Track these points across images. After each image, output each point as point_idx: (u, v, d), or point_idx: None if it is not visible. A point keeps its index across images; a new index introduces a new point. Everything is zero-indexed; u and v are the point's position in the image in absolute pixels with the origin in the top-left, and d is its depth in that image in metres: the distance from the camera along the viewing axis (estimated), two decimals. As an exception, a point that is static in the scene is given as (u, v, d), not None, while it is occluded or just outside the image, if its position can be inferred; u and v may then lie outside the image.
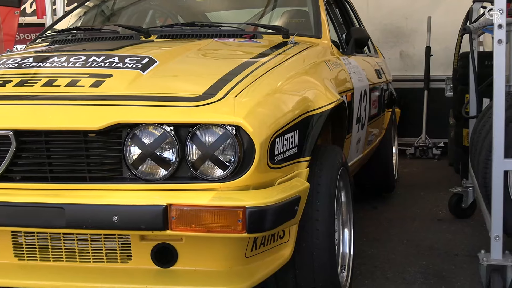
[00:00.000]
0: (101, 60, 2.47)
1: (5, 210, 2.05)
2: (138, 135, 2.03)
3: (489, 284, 2.67)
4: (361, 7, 5.50)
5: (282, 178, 2.18)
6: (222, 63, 2.63)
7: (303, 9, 3.75)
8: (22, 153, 2.10)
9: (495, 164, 2.64)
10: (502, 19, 2.58)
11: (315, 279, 2.37)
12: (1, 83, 2.33)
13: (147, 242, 2.07)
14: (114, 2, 4.11)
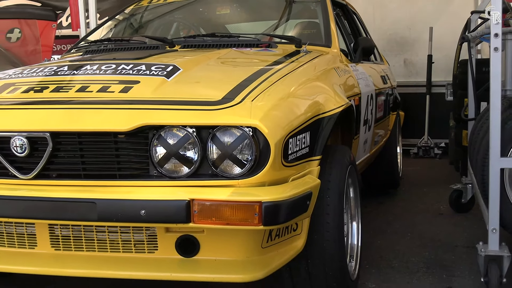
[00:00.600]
0: (129, 68, 2.48)
1: (43, 205, 2.07)
2: (163, 136, 2.04)
3: (487, 273, 2.65)
4: (368, 19, 5.48)
5: (295, 175, 2.17)
6: (240, 70, 2.63)
7: (314, 21, 3.74)
8: (58, 152, 2.12)
9: (492, 162, 2.62)
10: (498, 28, 2.56)
11: (325, 268, 2.36)
12: (39, 89, 2.34)
13: (172, 234, 2.07)
14: (142, 16, 4.13)
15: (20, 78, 2.54)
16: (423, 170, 6.09)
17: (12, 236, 2.22)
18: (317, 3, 3.75)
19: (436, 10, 7.01)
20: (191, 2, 4.08)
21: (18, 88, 2.38)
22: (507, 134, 2.67)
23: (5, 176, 2.17)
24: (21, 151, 2.11)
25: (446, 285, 2.88)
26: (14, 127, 2.13)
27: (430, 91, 6.81)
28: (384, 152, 4.66)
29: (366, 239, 2.94)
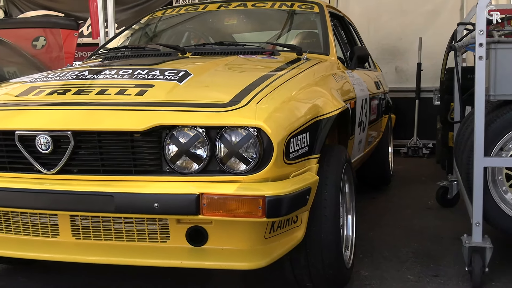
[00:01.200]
0: (145, 73, 2.47)
1: (65, 198, 2.07)
2: (176, 135, 2.04)
3: (471, 263, 2.65)
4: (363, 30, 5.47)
5: (296, 172, 2.17)
6: (246, 76, 2.63)
7: (313, 31, 3.74)
8: (79, 150, 2.12)
9: (476, 161, 2.62)
10: (482, 39, 2.56)
11: (323, 257, 2.36)
12: (62, 91, 2.35)
13: (183, 225, 2.07)
14: (156, 25, 4.13)
15: (45, 81, 2.54)
16: (412, 168, 6.08)
17: (37, 226, 2.22)
18: (316, 14, 3.75)
19: (425, 23, 7.01)
20: (201, 14, 4.08)
21: (43, 90, 2.38)
22: (490, 135, 2.67)
23: (30, 171, 2.17)
24: (45, 148, 2.11)
25: (433, 273, 2.87)
26: (39, 126, 2.13)
27: (419, 96, 6.82)
28: (377, 151, 4.66)
29: (360, 231, 2.93)
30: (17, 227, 2.25)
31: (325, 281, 2.45)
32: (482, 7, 2.54)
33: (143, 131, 2.04)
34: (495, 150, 2.73)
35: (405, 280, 2.79)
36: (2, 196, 2.15)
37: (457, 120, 3.98)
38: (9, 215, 2.24)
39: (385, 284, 2.74)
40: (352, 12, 5.98)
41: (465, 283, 2.71)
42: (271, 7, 3.90)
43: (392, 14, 7.12)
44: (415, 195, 4.72)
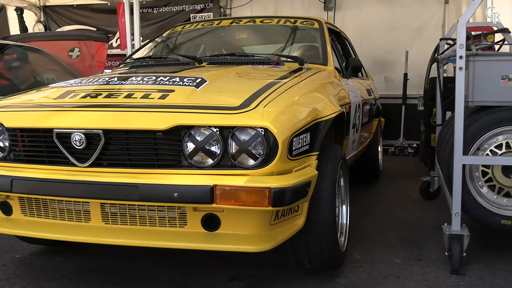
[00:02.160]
0: (166, 79, 2.47)
1: (96, 188, 2.07)
2: (193, 134, 2.03)
3: (450, 248, 2.64)
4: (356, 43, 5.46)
5: (298, 167, 2.16)
6: (254, 83, 2.62)
7: (314, 44, 3.73)
8: (109, 146, 2.12)
9: (456, 159, 2.60)
10: (463, 52, 2.54)
11: (321, 242, 2.35)
12: (94, 95, 2.35)
13: (198, 212, 2.07)
14: (176, 38, 4.13)
15: (80, 86, 2.54)
16: (398, 165, 6.06)
17: (71, 212, 2.22)
18: (316, 30, 3.74)
19: (411, 38, 7.00)
20: (216, 28, 4.08)
21: (77, 94, 2.38)
22: (468, 137, 2.65)
23: (66, 164, 2.17)
24: (79, 145, 2.12)
25: (417, 257, 2.86)
26: (74, 125, 2.13)
27: (405, 102, 6.81)
28: (368, 150, 4.64)
29: (353, 219, 2.92)
30: (54, 213, 2.25)
31: (323, 263, 2.44)
32: (462, 24, 2.53)
33: (165, 130, 2.03)
34: (473, 150, 2.72)
35: (393, 263, 2.78)
36: (42, 186, 2.16)
37: (439, 123, 3.96)
38: (47, 202, 2.25)
39: (375, 266, 2.73)
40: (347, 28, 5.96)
41: (445, 266, 2.70)
42: (277, 23, 3.90)
43: (382, 30, 7.11)
44: (401, 189, 4.70)
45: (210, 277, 2.58)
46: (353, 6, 7.30)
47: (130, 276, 2.61)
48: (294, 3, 7.60)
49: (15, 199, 2.32)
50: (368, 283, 2.51)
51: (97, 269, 2.71)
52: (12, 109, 2.40)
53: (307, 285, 2.48)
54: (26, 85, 4.48)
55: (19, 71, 4.80)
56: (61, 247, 3.04)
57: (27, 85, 4.48)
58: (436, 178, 4.07)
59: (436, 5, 7.00)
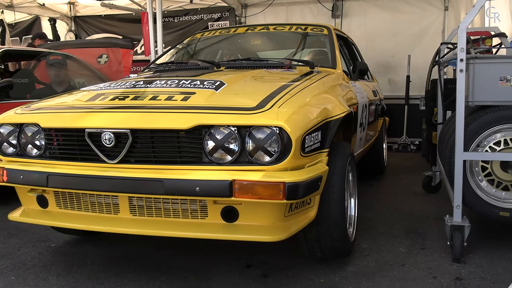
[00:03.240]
0: (188, 83, 2.47)
1: (125, 182, 2.08)
2: (213, 133, 2.03)
3: (452, 238, 2.61)
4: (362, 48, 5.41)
5: (310, 163, 2.15)
6: (269, 85, 2.61)
7: (323, 49, 3.70)
8: (136, 144, 2.13)
9: (457, 155, 2.57)
10: (463, 55, 2.51)
11: (331, 232, 2.34)
12: (122, 97, 2.35)
13: (218, 205, 2.07)
14: (196, 45, 4.12)
15: (108, 89, 2.55)
16: (402, 161, 6.01)
17: (102, 205, 2.23)
18: (325, 36, 3.71)
19: (413, 43, 6.94)
20: (232, 35, 4.07)
21: (107, 96, 2.39)
22: (468, 134, 2.62)
23: (97, 161, 2.18)
24: (109, 143, 2.12)
25: (420, 246, 2.83)
26: (104, 125, 2.14)
27: (408, 102, 6.77)
28: (373, 147, 4.61)
29: (360, 211, 2.90)
30: (86, 206, 2.27)
31: (333, 251, 2.43)
32: (463, 29, 2.49)
33: (187, 129, 2.03)
34: (473, 146, 2.68)
35: (398, 252, 2.76)
36: (75, 181, 2.17)
37: (440, 122, 3.93)
38: (80, 196, 2.26)
39: (381, 255, 2.70)
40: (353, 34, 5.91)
41: (447, 255, 2.67)
42: (289, 30, 3.89)
43: (385, 36, 7.06)
44: (405, 183, 4.66)
45: (228, 264, 2.58)
46: (358, 14, 7.26)
47: (155, 263, 2.62)
48: (304, 11, 7.57)
49: (51, 193, 2.34)
50: (375, 270, 2.49)
51: (124, 257, 2.72)
52: (47, 110, 2.41)
53: (318, 272, 2.47)
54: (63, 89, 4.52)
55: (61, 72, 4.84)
56: (92, 237, 3.05)
57: (63, 89, 4.51)
58: (438, 173, 4.03)
59: (436, 12, 6.94)
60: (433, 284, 2.32)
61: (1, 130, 2.44)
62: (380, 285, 2.32)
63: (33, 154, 2.36)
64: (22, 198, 2.47)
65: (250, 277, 2.43)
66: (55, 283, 2.39)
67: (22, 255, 2.80)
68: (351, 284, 2.34)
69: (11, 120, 2.42)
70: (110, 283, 2.38)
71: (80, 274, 2.50)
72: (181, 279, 2.40)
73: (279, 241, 2.06)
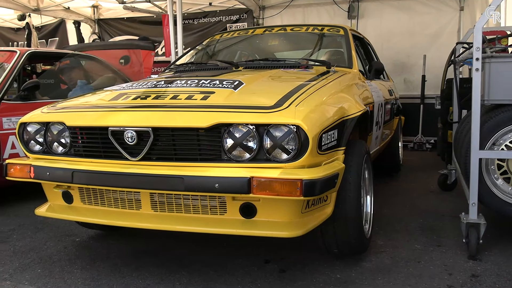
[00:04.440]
0: (207, 82, 2.48)
1: (146, 179, 2.09)
2: (232, 131, 2.03)
3: (467, 236, 2.58)
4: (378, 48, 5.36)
5: (326, 160, 2.14)
6: (286, 85, 2.60)
7: (339, 49, 3.68)
8: (157, 142, 2.14)
9: (473, 154, 2.54)
10: (479, 54, 2.48)
11: (348, 229, 2.32)
12: (144, 97, 2.37)
13: (237, 201, 2.07)
14: (215, 46, 4.14)
15: (131, 89, 2.57)
16: (417, 159, 5.96)
17: (124, 201, 2.25)
18: (342, 36, 3.69)
19: (428, 43, 6.88)
20: (250, 36, 4.08)
21: (129, 96, 2.41)
22: (484, 133, 2.59)
23: (119, 158, 2.20)
24: (131, 141, 2.14)
25: (436, 243, 2.80)
26: (127, 124, 2.15)
27: (423, 102, 6.69)
28: (389, 145, 4.58)
29: (376, 208, 2.88)
30: (109, 201, 2.29)
31: (349, 248, 2.41)
32: (479, 28, 2.46)
33: (207, 128, 2.04)
34: (489, 145, 2.64)
35: (413, 248, 2.73)
36: (99, 177, 2.19)
37: (455, 120, 3.88)
38: (103, 192, 2.28)
39: (397, 252, 2.68)
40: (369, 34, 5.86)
41: (463, 252, 2.63)
42: (306, 31, 3.87)
43: (401, 36, 7.01)
44: (420, 181, 4.62)
45: (246, 259, 2.58)
46: (374, 15, 7.21)
47: (175, 258, 2.63)
48: (320, 12, 7.54)
49: (75, 189, 2.36)
50: (391, 267, 2.47)
51: (146, 252, 2.74)
52: (72, 110, 2.44)
53: (334, 268, 2.46)
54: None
55: (72, 74, 4.88)
56: (114, 232, 3.08)
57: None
58: (453, 171, 3.98)
59: (451, 12, 6.85)
60: (449, 281, 2.29)
61: (28, 128, 2.48)
62: (396, 281, 2.30)
63: (58, 151, 2.40)
64: (48, 194, 2.51)
65: (268, 271, 2.43)
66: (80, 276, 2.42)
67: (48, 249, 2.84)
68: (367, 280, 2.32)
69: (38, 119, 2.46)
70: (132, 276, 2.40)
71: (103, 267, 2.53)
72: (200, 273, 2.41)
73: (296, 237, 2.05)
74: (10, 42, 9.43)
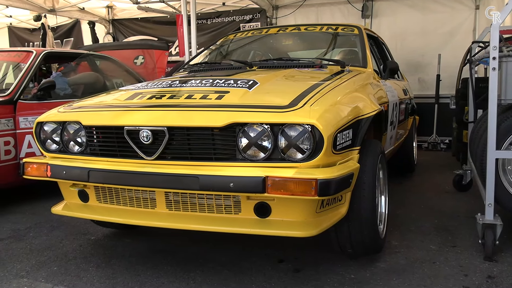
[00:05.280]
0: (222, 82, 2.48)
1: (161, 178, 2.09)
2: (247, 130, 2.03)
3: (483, 236, 2.55)
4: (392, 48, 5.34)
5: (341, 160, 2.13)
6: (301, 84, 2.59)
7: (354, 49, 3.66)
8: (172, 141, 2.14)
9: (489, 154, 2.51)
10: (496, 53, 2.45)
11: (362, 229, 2.31)
12: (159, 96, 2.38)
13: (251, 200, 2.07)
14: (228, 46, 4.14)
15: (146, 89, 2.59)
16: (432, 159, 5.90)
17: (139, 200, 2.26)
18: (356, 36, 3.68)
19: (443, 42, 6.82)
20: (264, 36, 4.07)
21: (144, 95, 2.42)
22: (501, 133, 2.56)
23: (135, 158, 2.21)
24: (146, 140, 2.15)
25: (451, 244, 2.77)
26: (142, 123, 2.17)
27: (438, 101, 6.63)
28: (404, 145, 4.54)
29: (390, 209, 2.86)
30: (124, 200, 2.30)
31: (363, 248, 2.40)
32: (496, 27, 2.43)
33: (221, 127, 2.04)
34: (505, 145, 2.61)
35: (428, 249, 2.71)
36: (114, 176, 2.20)
37: (471, 120, 3.84)
38: (119, 191, 2.30)
39: (412, 252, 2.66)
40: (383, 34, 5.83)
41: (478, 253, 2.61)
42: (320, 30, 3.86)
43: (415, 35, 6.96)
44: (435, 181, 4.57)
45: (260, 258, 2.58)
46: (388, 14, 7.17)
47: (190, 257, 2.64)
48: (334, 12, 7.52)
49: (91, 188, 2.38)
50: (406, 267, 2.45)
51: (161, 250, 2.75)
52: (88, 109, 2.46)
53: (348, 268, 2.45)
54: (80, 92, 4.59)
55: (74, 78, 4.89)
56: (129, 231, 3.10)
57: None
58: (469, 171, 3.95)
59: (467, 10, 6.79)
60: (465, 282, 2.27)
61: (45, 127, 2.51)
62: (411, 282, 2.28)
63: (74, 150, 2.42)
64: (64, 193, 2.53)
65: (282, 271, 2.43)
66: (95, 274, 2.44)
67: (64, 247, 2.86)
68: (382, 280, 2.31)
69: (54, 118, 2.48)
70: (147, 275, 2.41)
71: (119, 266, 2.54)
72: (215, 272, 2.42)
73: (310, 237, 2.05)
74: (25, 42, 9.55)
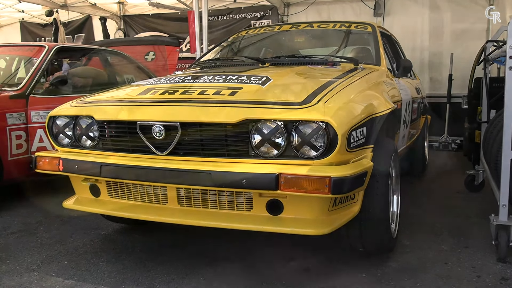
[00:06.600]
0: (235, 78, 2.47)
1: (173, 174, 2.09)
2: (260, 127, 2.02)
3: (497, 237, 2.52)
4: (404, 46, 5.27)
5: (355, 158, 2.11)
6: (314, 81, 2.57)
7: (367, 47, 3.63)
8: (185, 137, 2.14)
9: (504, 154, 2.48)
10: (512, 52, 2.41)
11: (374, 228, 2.30)
12: (172, 92, 2.37)
13: (264, 197, 2.06)
14: (240, 42, 4.13)
15: (159, 84, 2.58)
16: (443, 159, 5.86)
17: (151, 195, 2.26)
18: (369, 33, 3.65)
19: (455, 41, 6.76)
20: (277, 33, 4.06)
21: (157, 91, 2.41)
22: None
23: (147, 153, 2.21)
24: (159, 135, 2.14)
25: (463, 245, 2.75)
26: (155, 118, 2.16)
27: (450, 101, 6.56)
28: (415, 145, 4.50)
29: (402, 208, 2.83)
30: (136, 195, 2.30)
31: (375, 247, 2.39)
32: (513, 25, 2.39)
33: (234, 123, 2.03)
34: (521, 145, 2.57)
35: (440, 249, 2.68)
36: (126, 171, 2.20)
37: (484, 120, 3.80)
38: (130, 186, 2.29)
39: (423, 252, 2.64)
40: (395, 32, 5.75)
41: (491, 254, 2.58)
42: (333, 27, 3.84)
43: (428, 34, 6.92)
44: (446, 181, 4.54)
45: (271, 256, 2.57)
46: (401, 12, 7.11)
47: (200, 252, 2.63)
48: (345, 10, 7.47)
49: (103, 182, 2.38)
50: (417, 267, 2.43)
51: (171, 246, 2.75)
52: (100, 104, 2.46)
53: (360, 267, 2.43)
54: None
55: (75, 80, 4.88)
56: (140, 226, 3.10)
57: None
58: (481, 172, 3.90)
59: (480, 9, 6.71)
60: (478, 283, 2.25)
61: (57, 122, 2.51)
62: (423, 282, 2.26)
63: (87, 145, 2.42)
64: (75, 187, 2.54)
65: (292, 269, 2.42)
66: (105, 269, 2.44)
67: (74, 241, 2.87)
68: (393, 279, 2.29)
69: (67, 113, 2.49)
70: (157, 270, 2.41)
71: (128, 261, 2.54)
72: (225, 269, 2.41)
73: (322, 235, 2.03)
74: (37, 37, 9.59)
